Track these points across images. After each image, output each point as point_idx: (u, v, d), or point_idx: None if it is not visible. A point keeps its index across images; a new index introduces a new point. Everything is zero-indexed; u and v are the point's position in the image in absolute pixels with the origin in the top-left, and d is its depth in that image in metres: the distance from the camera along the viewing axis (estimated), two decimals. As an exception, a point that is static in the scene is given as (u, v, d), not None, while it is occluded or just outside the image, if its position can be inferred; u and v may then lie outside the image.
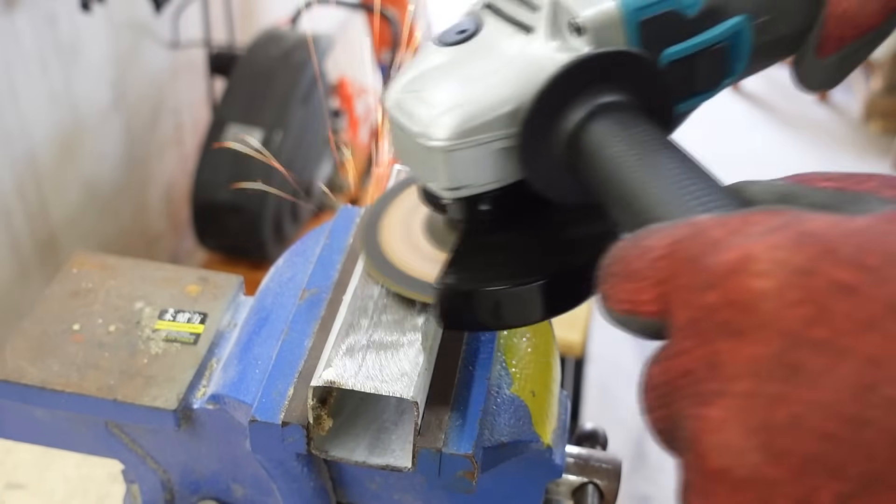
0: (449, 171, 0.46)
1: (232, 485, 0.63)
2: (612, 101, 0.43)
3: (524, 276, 0.47)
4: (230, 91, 2.15)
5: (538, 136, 0.44)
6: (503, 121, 0.44)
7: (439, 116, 0.45)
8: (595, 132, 0.42)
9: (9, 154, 1.79)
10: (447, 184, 0.46)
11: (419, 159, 0.47)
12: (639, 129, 0.42)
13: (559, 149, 0.44)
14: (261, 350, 0.57)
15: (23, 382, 0.57)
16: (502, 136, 0.45)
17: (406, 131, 0.46)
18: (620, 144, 0.41)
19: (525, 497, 0.57)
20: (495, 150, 0.45)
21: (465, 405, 0.52)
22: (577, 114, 0.43)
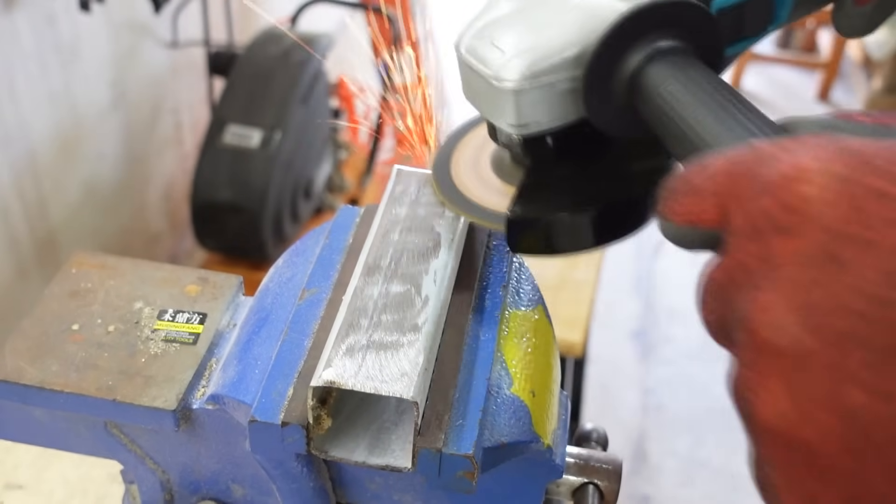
0: (517, 111, 0.50)
1: (231, 485, 0.62)
2: (669, 45, 0.47)
3: (584, 205, 0.52)
4: (229, 91, 2.14)
5: (601, 78, 0.48)
6: (568, 64, 0.48)
7: (510, 60, 0.49)
8: (653, 74, 0.46)
9: (8, 154, 1.79)
10: (515, 122, 0.50)
11: (489, 100, 0.51)
12: (693, 71, 0.46)
13: (620, 90, 0.48)
14: (260, 350, 0.57)
15: (22, 382, 0.57)
16: (567, 77, 0.49)
17: (478, 74, 0.50)
18: (677, 84, 0.45)
19: (525, 497, 0.57)
20: (560, 90, 0.49)
21: (465, 405, 0.52)
22: (636, 57, 0.47)
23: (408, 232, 0.58)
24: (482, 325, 0.57)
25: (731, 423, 2.41)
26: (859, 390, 0.29)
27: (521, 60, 0.49)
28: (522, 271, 0.63)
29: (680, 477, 2.26)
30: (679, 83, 0.45)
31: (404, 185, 0.63)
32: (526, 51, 0.49)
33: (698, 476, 2.26)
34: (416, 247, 0.57)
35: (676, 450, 2.32)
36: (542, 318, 0.61)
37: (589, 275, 1.90)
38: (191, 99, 2.48)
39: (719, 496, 2.22)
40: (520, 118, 0.50)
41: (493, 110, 0.52)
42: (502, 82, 0.49)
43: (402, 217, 0.60)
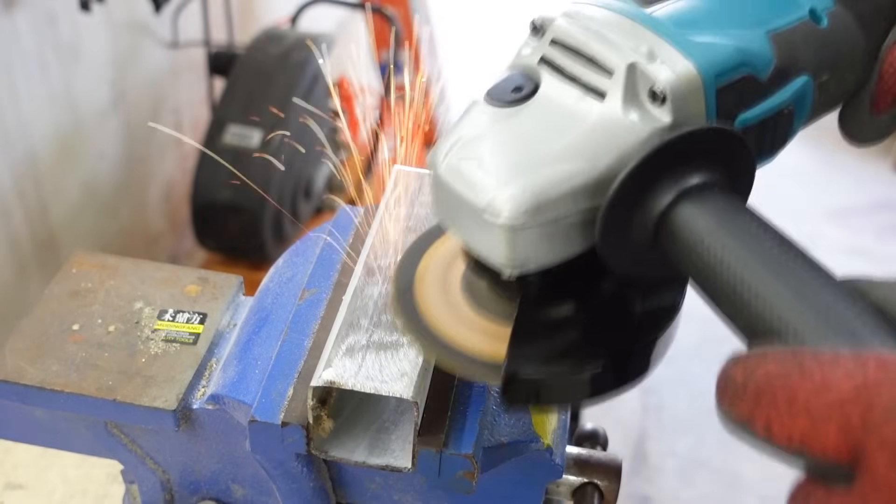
0: (512, 249, 0.42)
1: (231, 485, 0.62)
2: (702, 180, 0.41)
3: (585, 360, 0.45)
4: (230, 91, 2.14)
5: (622, 217, 0.41)
6: (577, 194, 0.41)
7: (504, 189, 0.41)
8: (688, 217, 0.40)
9: (8, 154, 1.79)
10: (509, 262, 0.42)
11: (475, 231, 0.43)
12: (735, 214, 0.40)
13: (644, 231, 0.41)
14: (260, 350, 0.57)
15: (22, 383, 0.57)
16: (574, 210, 0.41)
17: (466, 201, 0.42)
18: (722, 234, 0.39)
19: (525, 497, 0.57)
20: (566, 224, 0.42)
21: (465, 405, 0.52)
22: (666, 195, 0.40)
23: (408, 232, 0.58)
24: (482, 325, 0.57)
25: (731, 423, 2.42)
26: None
27: (518, 190, 0.40)
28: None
29: (680, 477, 2.26)
30: (726, 233, 0.39)
31: (404, 185, 0.63)
32: (524, 175, 0.41)
33: (698, 476, 2.26)
34: (416, 247, 0.57)
35: (676, 450, 2.32)
36: (542, 318, 0.60)
37: (589, 275, 1.90)
38: (191, 99, 2.48)
39: (719, 496, 2.22)
40: (514, 257, 0.42)
41: (479, 243, 0.43)
42: (496, 217, 0.41)
43: (401, 217, 0.60)
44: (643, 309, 0.47)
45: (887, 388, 0.28)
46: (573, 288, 0.47)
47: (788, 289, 0.36)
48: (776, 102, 0.45)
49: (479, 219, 0.42)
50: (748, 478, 2.21)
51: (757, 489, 2.18)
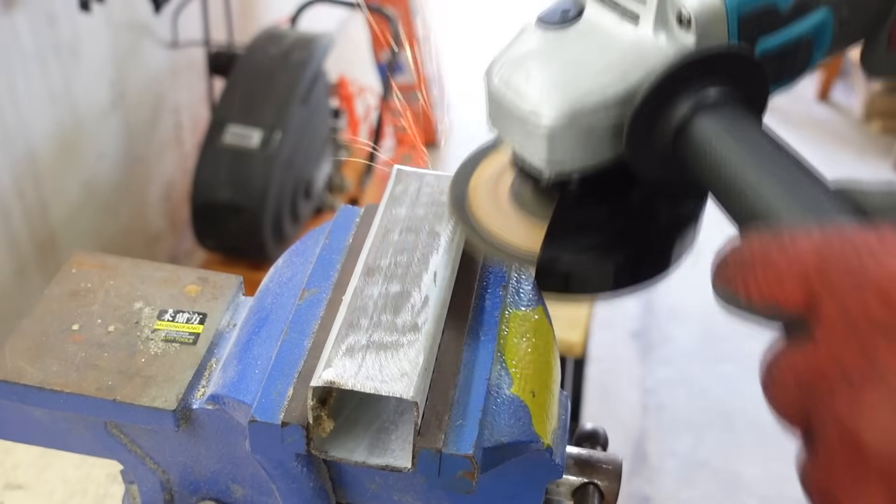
0: (552, 149, 0.48)
1: (231, 485, 0.62)
2: (718, 95, 0.45)
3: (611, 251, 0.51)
4: (229, 91, 2.14)
5: (645, 125, 0.46)
6: (609, 103, 0.46)
7: (548, 96, 0.47)
8: (702, 126, 0.45)
9: (8, 153, 1.79)
10: (548, 160, 0.49)
11: (522, 134, 0.49)
12: (746, 126, 0.44)
13: (665, 139, 0.46)
14: (260, 350, 0.57)
15: (22, 383, 0.57)
16: (606, 118, 0.47)
17: (514, 108, 0.48)
18: (729, 140, 0.44)
19: (525, 497, 0.57)
20: (598, 131, 0.47)
21: (465, 405, 0.52)
22: (684, 106, 0.45)
23: (408, 232, 0.58)
24: (482, 325, 0.57)
25: (731, 424, 2.42)
26: None
27: (560, 97, 0.47)
28: (523, 271, 0.63)
29: (680, 477, 2.26)
30: (732, 139, 0.44)
31: (404, 185, 0.63)
32: (565, 87, 0.47)
33: (698, 476, 2.26)
34: (416, 247, 0.57)
35: (676, 450, 2.32)
36: (542, 318, 0.61)
37: (589, 275, 1.90)
38: (191, 99, 2.48)
39: (719, 496, 2.22)
40: (553, 156, 0.48)
41: (524, 145, 0.50)
42: (539, 118, 0.47)
43: (402, 217, 0.60)
44: (666, 215, 0.53)
45: (839, 245, 0.33)
46: (604, 195, 0.52)
47: (779, 185, 0.41)
48: (796, 33, 0.49)
49: (524, 124, 0.48)
50: (748, 478, 2.21)
51: (757, 489, 2.18)
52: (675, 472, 2.28)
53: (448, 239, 0.58)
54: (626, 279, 0.52)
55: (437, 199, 0.61)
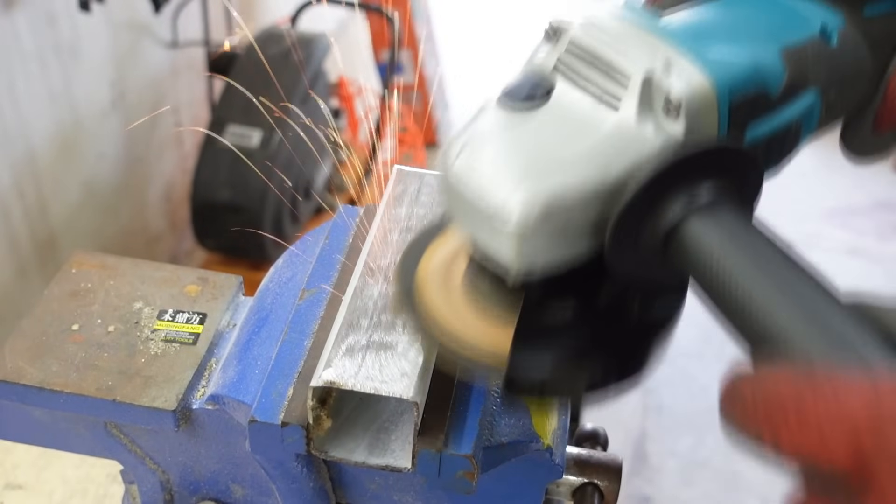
0: (520, 255, 0.42)
1: (231, 485, 0.62)
2: (712, 194, 0.41)
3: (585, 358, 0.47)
4: (229, 91, 2.14)
5: (632, 226, 0.41)
6: (588, 200, 0.41)
7: (514, 194, 0.41)
8: (697, 229, 0.40)
9: (8, 154, 1.79)
10: (517, 267, 0.43)
11: (486, 230, 0.43)
12: (742, 228, 0.40)
13: (654, 241, 0.42)
14: (260, 350, 0.57)
15: (22, 383, 0.57)
16: (582, 217, 0.42)
17: (477, 201, 0.42)
18: (729, 248, 0.39)
19: (525, 497, 0.57)
20: (574, 228, 0.42)
21: (465, 405, 0.52)
22: (676, 207, 0.41)
23: (408, 232, 0.58)
24: (482, 325, 0.57)
25: (731, 423, 2.42)
26: None
27: (529, 197, 0.41)
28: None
29: (680, 477, 2.26)
30: (733, 246, 0.39)
31: (404, 185, 0.63)
32: (537, 180, 0.41)
33: (698, 476, 2.26)
34: (416, 247, 0.57)
35: (676, 450, 2.32)
36: (542, 318, 0.60)
37: (589, 275, 1.90)
38: (191, 99, 2.48)
39: (719, 496, 2.22)
40: (522, 262, 0.42)
41: (488, 245, 0.44)
42: (505, 224, 0.41)
43: (402, 217, 0.60)
44: (642, 314, 0.48)
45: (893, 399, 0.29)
46: (575, 291, 0.47)
47: (795, 306, 0.36)
48: (786, 118, 0.46)
49: (488, 222, 0.42)
50: (748, 478, 2.21)
51: (757, 489, 2.18)
52: (675, 472, 2.27)
53: (448, 239, 0.58)
54: (601, 384, 0.47)
55: (437, 199, 0.61)
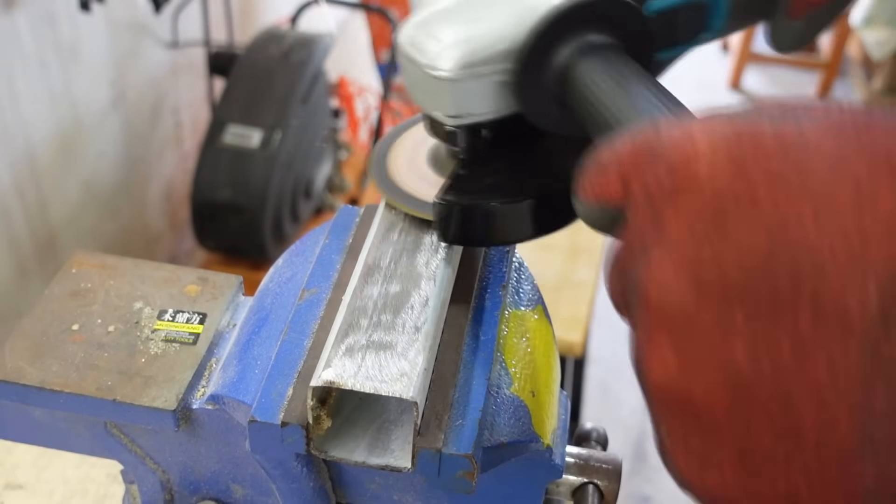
0: (452, 100, 0.51)
1: (231, 485, 0.62)
2: (600, 41, 0.48)
3: (514, 195, 0.53)
4: (229, 91, 2.14)
5: (532, 71, 0.49)
6: (501, 56, 0.49)
7: (445, 50, 0.50)
8: (583, 68, 0.48)
9: (8, 153, 1.79)
10: (451, 111, 0.52)
11: (426, 90, 0.52)
12: (621, 64, 0.47)
13: (551, 84, 0.49)
14: (260, 350, 0.57)
15: (22, 383, 0.57)
16: (500, 70, 0.50)
17: (416, 64, 0.51)
18: (603, 75, 0.46)
19: (525, 497, 0.57)
20: (494, 82, 0.50)
21: (465, 405, 0.52)
22: (567, 52, 0.48)
23: (408, 232, 0.58)
24: (482, 325, 0.57)
25: (731, 423, 2.42)
26: (742, 346, 0.30)
27: (455, 50, 0.50)
28: (522, 271, 0.63)
29: (680, 477, 2.26)
30: (605, 74, 0.46)
31: (404, 185, 0.63)
32: (461, 42, 0.50)
33: (698, 476, 2.25)
34: (416, 246, 0.57)
35: (676, 450, 2.32)
36: (541, 318, 0.61)
37: (589, 275, 1.90)
38: (191, 99, 2.48)
39: (719, 496, 2.22)
40: (455, 108, 0.51)
41: (429, 100, 0.53)
42: (437, 71, 0.50)
43: (402, 217, 0.60)
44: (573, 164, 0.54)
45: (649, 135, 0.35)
46: (510, 146, 0.55)
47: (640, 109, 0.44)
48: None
49: (426, 77, 0.51)
50: (748, 478, 2.21)
51: (757, 489, 2.18)
52: (675, 472, 2.27)
53: (448, 239, 0.58)
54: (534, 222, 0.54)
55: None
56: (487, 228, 0.55)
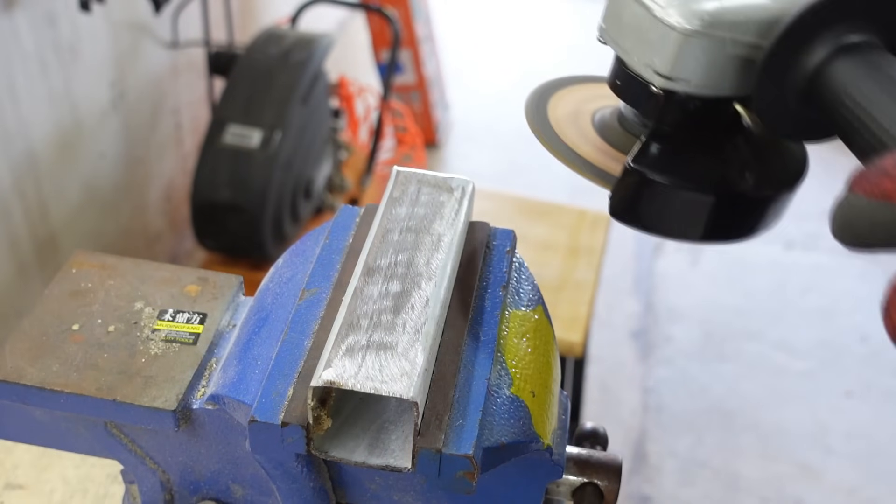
0: (676, 57, 0.44)
1: (231, 485, 0.62)
2: (860, 40, 0.42)
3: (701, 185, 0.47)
4: (230, 91, 2.14)
5: (782, 62, 0.43)
6: (753, 27, 0.43)
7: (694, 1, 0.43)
8: (841, 71, 0.42)
9: (8, 154, 1.79)
10: (667, 70, 0.45)
11: (646, 38, 0.45)
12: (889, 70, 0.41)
13: (800, 80, 0.43)
14: (260, 350, 0.57)
15: (22, 383, 0.57)
16: (744, 43, 0.43)
17: (644, 5, 0.44)
18: (871, 86, 0.40)
19: (525, 497, 0.57)
20: (729, 55, 0.44)
21: (465, 405, 0.52)
22: (822, 51, 0.42)
23: (408, 232, 0.58)
24: (482, 325, 0.57)
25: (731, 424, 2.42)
26: None
27: (703, 2, 0.43)
28: (522, 271, 0.63)
29: (680, 477, 2.26)
30: (870, 80, 0.41)
31: (404, 185, 0.63)
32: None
33: (698, 476, 2.26)
34: (416, 247, 0.57)
35: (676, 450, 2.32)
36: (542, 318, 0.61)
37: (589, 275, 1.90)
38: (191, 99, 2.48)
39: (719, 496, 2.22)
40: (674, 67, 0.44)
41: (643, 51, 0.45)
42: (673, 18, 0.43)
43: (402, 217, 0.60)
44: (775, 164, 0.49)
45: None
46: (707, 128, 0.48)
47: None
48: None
49: (654, 21, 0.44)
50: (748, 478, 2.21)
51: (757, 489, 2.18)
52: (675, 472, 2.27)
53: (448, 239, 0.58)
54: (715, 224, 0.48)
55: (436, 200, 0.61)
56: (664, 212, 0.48)
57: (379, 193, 2.25)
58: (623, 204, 0.48)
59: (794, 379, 2.48)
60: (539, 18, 4.22)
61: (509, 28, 4.13)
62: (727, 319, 2.61)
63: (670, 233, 0.50)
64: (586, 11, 4.13)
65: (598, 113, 0.53)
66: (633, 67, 0.47)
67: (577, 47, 3.76)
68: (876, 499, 2.15)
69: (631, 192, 0.48)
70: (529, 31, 4.10)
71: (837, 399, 2.42)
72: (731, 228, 0.48)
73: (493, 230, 0.64)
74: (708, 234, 0.48)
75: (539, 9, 4.30)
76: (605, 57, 0.51)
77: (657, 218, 0.48)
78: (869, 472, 2.21)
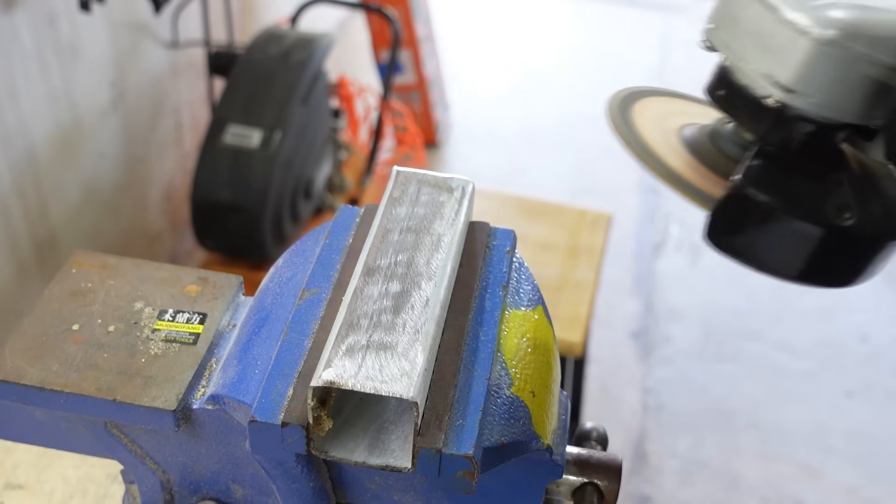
0: (804, 68, 0.39)
1: (231, 485, 0.62)
2: None
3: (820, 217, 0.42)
4: (230, 91, 2.14)
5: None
6: (888, 43, 0.38)
7: (828, 6, 0.38)
8: None
9: (8, 153, 1.79)
10: (791, 81, 0.40)
11: (772, 44, 0.40)
12: None
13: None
14: (260, 350, 0.57)
15: (22, 383, 0.57)
16: (882, 63, 0.38)
17: (773, 9, 0.40)
18: None
19: (525, 497, 0.57)
20: (862, 75, 0.39)
21: (465, 405, 0.52)
22: None
23: (408, 232, 0.58)
24: (482, 325, 0.57)
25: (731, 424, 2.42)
26: None
27: (844, 10, 0.38)
28: (522, 271, 0.63)
29: (680, 477, 2.26)
30: None
31: (404, 185, 0.63)
32: (855, 5, 0.38)
33: (698, 476, 2.26)
34: (415, 247, 0.57)
35: (676, 450, 2.32)
36: (542, 318, 0.61)
37: (589, 275, 1.90)
38: (191, 99, 2.48)
39: (719, 496, 2.22)
40: (799, 79, 0.39)
41: (766, 58, 0.40)
42: (806, 25, 0.38)
43: (402, 217, 0.60)
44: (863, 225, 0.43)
45: None
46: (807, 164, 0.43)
47: None
48: None
49: (783, 27, 0.39)
50: (748, 478, 2.21)
51: (757, 489, 2.18)
52: (675, 472, 2.27)
53: (448, 239, 0.58)
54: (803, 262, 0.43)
55: (436, 200, 0.61)
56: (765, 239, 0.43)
57: (379, 193, 2.25)
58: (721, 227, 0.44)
59: (795, 379, 2.48)
60: (539, 18, 4.22)
61: (509, 28, 4.13)
62: (727, 319, 2.61)
63: (765, 264, 0.45)
64: (586, 11, 4.13)
65: (687, 129, 0.49)
66: (746, 75, 0.42)
67: (577, 47, 3.76)
68: (876, 499, 2.15)
69: (734, 214, 0.43)
70: (529, 31, 4.10)
71: (837, 399, 2.42)
72: (832, 270, 0.44)
73: (493, 230, 0.64)
74: (807, 271, 0.43)
75: (539, 9, 4.30)
76: (606, 57, 0.49)
77: (755, 245, 0.44)
78: (869, 472, 2.21)
